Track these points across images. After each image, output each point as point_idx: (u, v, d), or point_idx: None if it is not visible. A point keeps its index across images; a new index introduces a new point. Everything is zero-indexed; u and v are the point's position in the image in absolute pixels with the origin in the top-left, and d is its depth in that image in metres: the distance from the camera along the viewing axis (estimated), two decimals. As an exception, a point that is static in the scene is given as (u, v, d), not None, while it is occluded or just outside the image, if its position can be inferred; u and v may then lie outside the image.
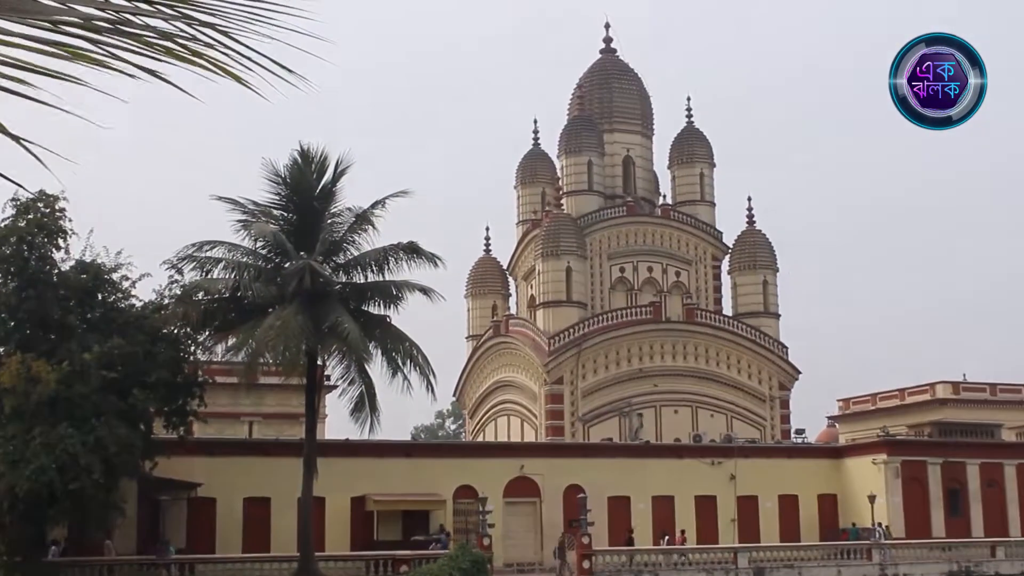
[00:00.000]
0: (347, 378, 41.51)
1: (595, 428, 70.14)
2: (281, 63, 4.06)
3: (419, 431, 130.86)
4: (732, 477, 59.26)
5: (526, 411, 74.22)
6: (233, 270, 40.66)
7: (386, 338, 41.86)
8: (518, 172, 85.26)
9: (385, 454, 53.64)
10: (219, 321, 41.47)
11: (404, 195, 42.22)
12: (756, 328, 75.50)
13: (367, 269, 42.35)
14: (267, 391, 57.01)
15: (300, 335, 38.36)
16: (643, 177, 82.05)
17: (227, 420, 57.63)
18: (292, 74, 4.15)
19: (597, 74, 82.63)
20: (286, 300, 39.75)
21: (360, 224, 42.22)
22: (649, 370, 72.44)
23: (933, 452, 61.88)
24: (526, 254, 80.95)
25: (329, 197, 42.08)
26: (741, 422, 73.06)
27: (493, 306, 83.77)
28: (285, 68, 4.09)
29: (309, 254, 40.74)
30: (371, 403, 41.08)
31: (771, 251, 79.01)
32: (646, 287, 77.65)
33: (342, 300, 41.40)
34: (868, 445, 63.24)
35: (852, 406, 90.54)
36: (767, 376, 75.15)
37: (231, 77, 4.02)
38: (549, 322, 72.37)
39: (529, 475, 56.04)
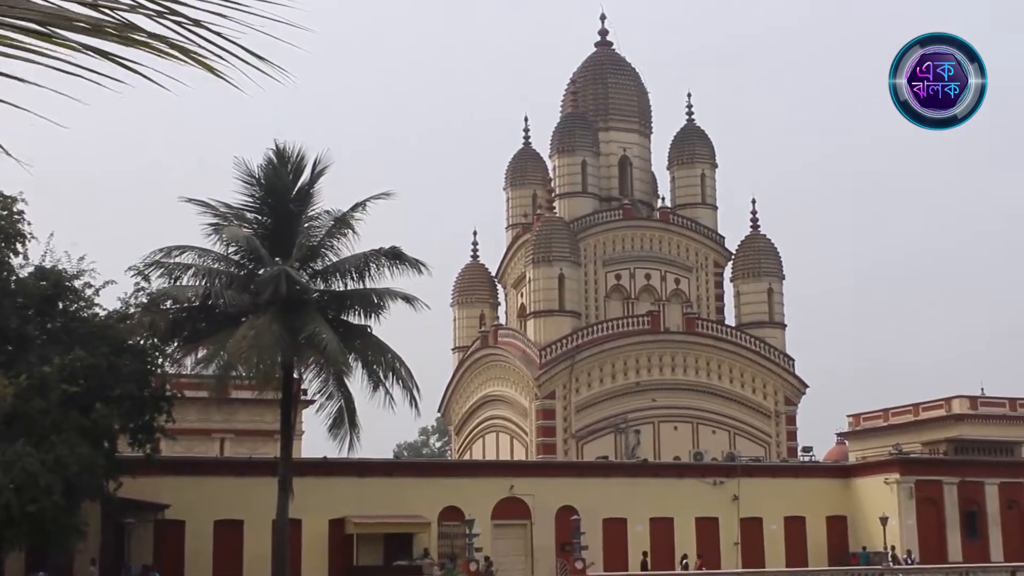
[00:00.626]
0: (325, 392, 41.34)
1: (589, 445, 70.11)
2: (256, 53, 4.02)
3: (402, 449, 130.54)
4: (735, 498, 59.20)
5: (516, 427, 74.16)
6: (203, 277, 40.49)
7: (367, 349, 41.71)
8: (507, 173, 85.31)
9: (366, 473, 53.49)
10: (188, 331, 41.27)
11: (386, 197, 42.08)
12: (760, 339, 75.55)
13: (347, 276, 42.18)
14: (240, 406, 56.89)
15: (275, 346, 38.19)
16: (641, 178, 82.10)
17: (197, 437, 57.46)
18: (267, 63, 4.10)
19: (592, 68, 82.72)
20: (260, 309, 39.58)
21: (339, 228, 42.05)
22: (647, 384, 72.42)
23: (949, 471, 61.89)
24: (516, 260, 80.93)
25: (306, 199, 41.93)
26: (744, 439, 73.06)
27: (481, 316, 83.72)
28: (259, 57, 4.04)
29: (285, 260, 40.58)
30: (351, 419, 40.90)
31: (776, 257, 79.09)
32: (644, 295, 77.67)
33: (320, 309, 41.23)
34: (880, 464, 63.23)
35: (863, 422, 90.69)
36: (772, 390, 75.19)
37: (206, 69, 3.97)
38: (540, 333, 72.33)
39: (519, 496, 55.93)
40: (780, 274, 78.95)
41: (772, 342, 76.00)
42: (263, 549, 45.27)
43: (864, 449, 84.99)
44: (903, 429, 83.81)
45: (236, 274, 41.31)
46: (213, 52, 4.00)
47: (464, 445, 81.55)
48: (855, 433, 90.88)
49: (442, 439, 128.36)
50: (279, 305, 39.34)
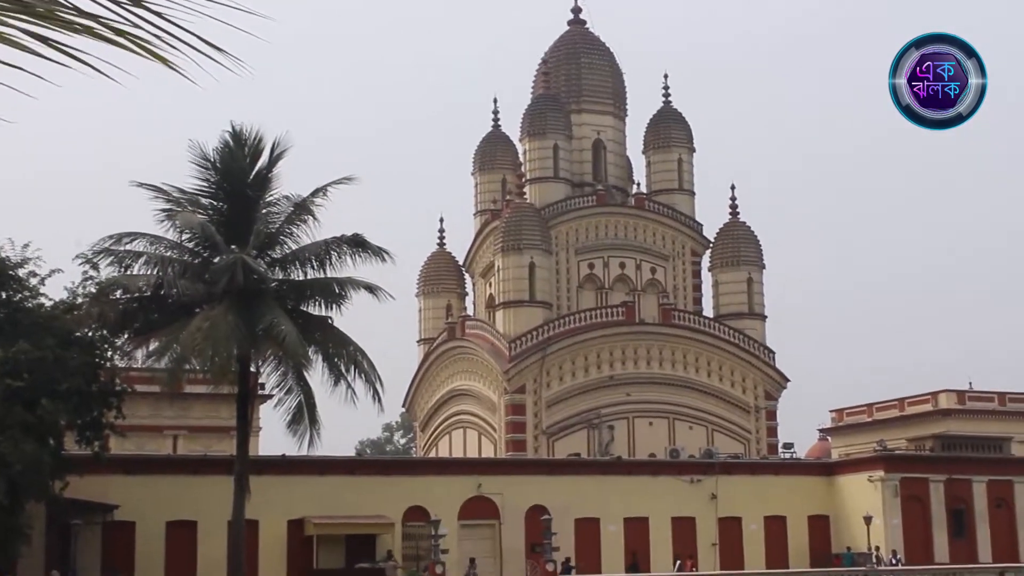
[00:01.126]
0: (284, 386, 41.31)
1: (561, 442, 70.22)
2: (209, 42, 4.04)
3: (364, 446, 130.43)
4: (713, 496, 59.46)
5: (484, 423, 74.21)
6: (156, 265, 40.39)
7: (328, 342, 41.72)
8: (476, 157, 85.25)
9: (326, 472, 53.48)
10: (139, 323, 41.18)
11: (348, 182, 42.07)
12: (740, 331, 75.80)
13: (307, 264, 42.17)
14: (193, 401, 56.76)
15: (231, 338, 38.15)
16: (615, 163, 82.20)
17: (148, 434, 57.29)
18: (221, 52, 4.12)
19: (564, 48, 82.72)
20: (215, 299, 39.52)
21: (299, 214, 42.03)
22: (621, 377, 72.56)
23: (936, 468, 62.30)
24: (484, 248, 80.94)
25: (264, 184, 41.87)
26: (723, 435, 73.31)
27: (447, 306, 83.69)
28: (213, 46, 4.06)
29: (241, 248, 40.50)
30: (311, 414, 40.90)
31: (757, 245, 79.32)
32: (618, 285, 77.79)
33: (278, 299, 41.19)
34: (864, 461, 63.60)
35: (846, 417, 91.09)
36: (752, 384, 75.46)
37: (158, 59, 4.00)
38: (510, 324, 72.37)
39: (487, 495, 56.01)
40: (760, 263, 79.18)
41: (752, 334, 76.26)
42: (218, 551, 45.21)
43: (847, 446, 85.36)
44: (888, 425, 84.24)
45: (190, 262, 41.23)
46: (166, 41, 4.03)
47: (430, 442, 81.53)
48: (838, 429, 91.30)
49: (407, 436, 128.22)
50: (235, 295, 39.28)
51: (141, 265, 40.54)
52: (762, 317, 78.22)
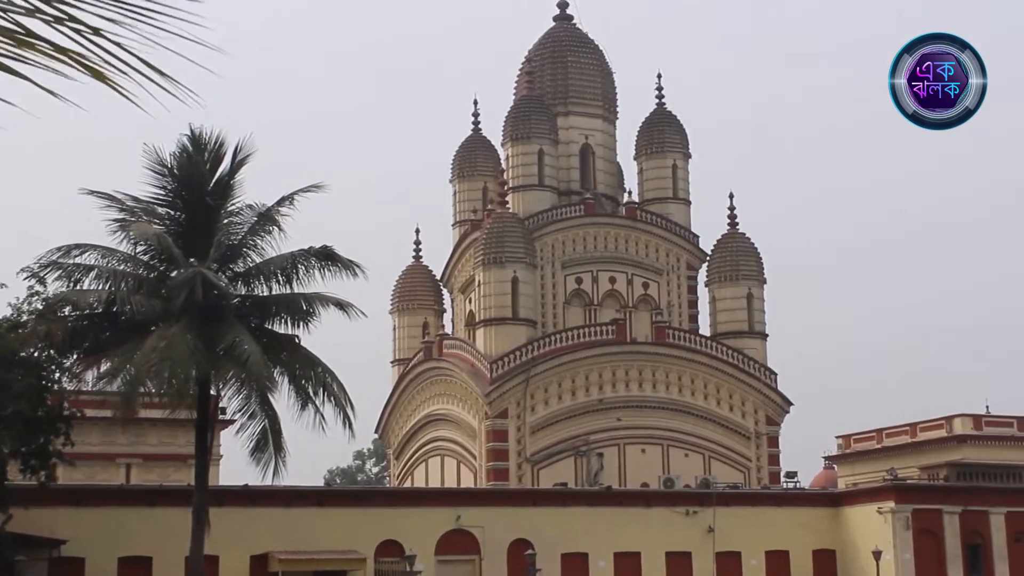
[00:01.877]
0: (247, 411, 41.16)
1: (546, 471, 70.12)
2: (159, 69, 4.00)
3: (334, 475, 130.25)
4: (710, 530, 59.39)
5: (463, 451, 74.08)
6: (108, 280, 40.21)
7: (294, 362, 41.58)
8: (454, 163, 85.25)
9: (293, 503, 53.29)
10: (90, 342, 40.97)
11: (317, 190, 42.00)
12: (739, 351, 75.82)
13: (272, 279, 42.05)
14: (148, 427, 56.54)
15: (189, 359, 37.96)
16: (604, 169, 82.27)
17: (99, 463, 57.05)
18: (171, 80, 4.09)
19: (550, 46, 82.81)
20: (172, 316, 39.35)
21: (263, 225, 41.91)
22: (611, 401, 72.52)
23: (950, 499, 62.31)
24: (463, 262, 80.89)
25: (226, 192, 41.75)
26: (721, 463, 73.28)
27: (424, 324, 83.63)
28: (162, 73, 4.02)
29: (201, 261, 40.35)
30: (276, 441, 40.77)
31: (757, 259, 79.37)
32: (608, 301, 77.78)
33: (241, 316, 41.06)
34: (873, 491, 63.59)
35: (854, 444, 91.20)
36: (752, 408, 75.46)
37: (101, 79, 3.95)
38: (491, 343, 72.28)
39: (467, 528, 55.88)
40: (761, 278, 79.23)
41: (752, 354, 76.27)
42: (175, 590, 45.00)
43: (855, 474, 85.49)
44: (899, 452, 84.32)
45: (145, 277, 41.06)
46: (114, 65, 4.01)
47: (405, 471, 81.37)
48: (845, 456, 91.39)
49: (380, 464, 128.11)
50: (194, 312, 39.11)
51: (92, 280, 40.35)
52: (763, 336, 78.24)
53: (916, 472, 71.69)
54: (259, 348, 38.94)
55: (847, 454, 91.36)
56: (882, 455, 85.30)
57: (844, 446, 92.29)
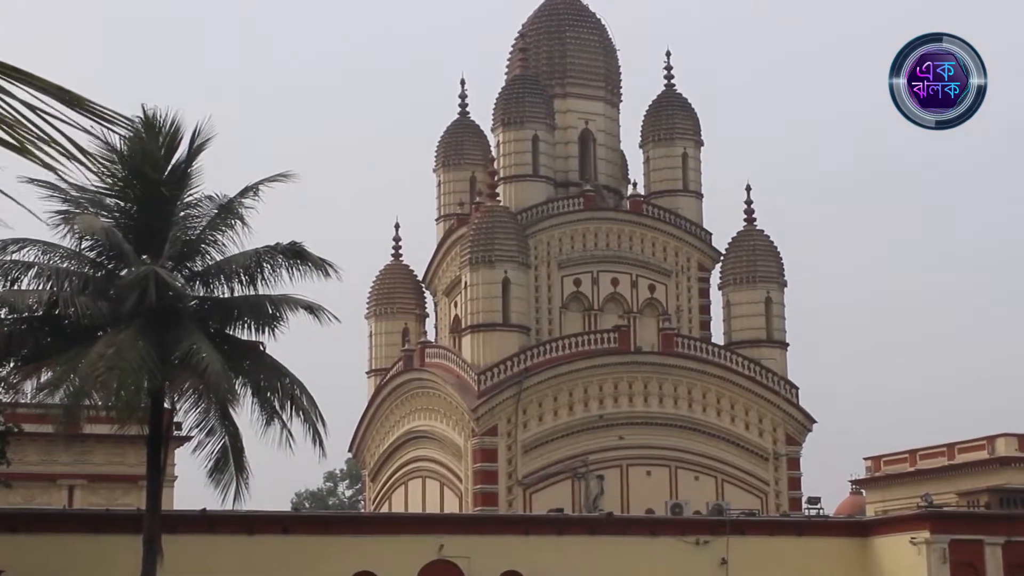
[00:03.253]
0: (205, 427, 41.12)
1: (540, 495, 70.18)
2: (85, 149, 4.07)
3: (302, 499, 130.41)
4: (723, 561, 59.44)
5: (447, 472, 74.12)
6: (49, 279, 40.14)
7: (258, 373, 41.54)
8: (439, 151, 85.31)
9: (256, 530, 53.31)
10: (29, 349, 40.89)
11: (285, 179, 41.90)
12: (756, 362, 75.91)
13: (233, 279, 42.00)
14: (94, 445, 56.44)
15: (141, 368, 37.89)
16: (607, 158, 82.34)
17: (39, 484, 56.99)
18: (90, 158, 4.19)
19: (546, 20, 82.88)
20: (122, 321, 39.29)
21: (225, 218, 41.84)
22: (613, 417, 72.59)
23: (992, 528, 62.36)
24: (449, 261, 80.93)
25: (183, 181, 41.67)
26: (736, 488, 73.37)
27: (404, 330, 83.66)
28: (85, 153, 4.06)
29: (154, 258, 40.29)
30: (237, 461, 40.73)
31: (776, 258, 79.49)
32: (610, 306, 77.85)
33: (199, 321, 41.03)
34: (906, 519, 63.62)
35: (884, 467, 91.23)
36: (771, 427, 75.56)
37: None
38: (479, 352, 72.31)
39: (451, 558, 55.89)
40: (781, 280, 79.32)
41: (771, 365, 76.36)
42: (124, 627, 44.95)
43: (885, 500, 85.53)
44: (935, 476, 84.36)
45: (91, 276, 41.00)
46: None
47: (382, 494, 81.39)
48: (874, 480, 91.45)
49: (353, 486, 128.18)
50: (146, 316, 39.07)
51: (31, 279, 40.24)
52: (783, 345, 78.33)
53: (954, 498, 71.73)
54: (219, 356, 38.86)
55: (877, 478, 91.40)
56: (916, 479, 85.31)
57: (873, 469, 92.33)
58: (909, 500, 75.10)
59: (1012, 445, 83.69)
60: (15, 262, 40.17)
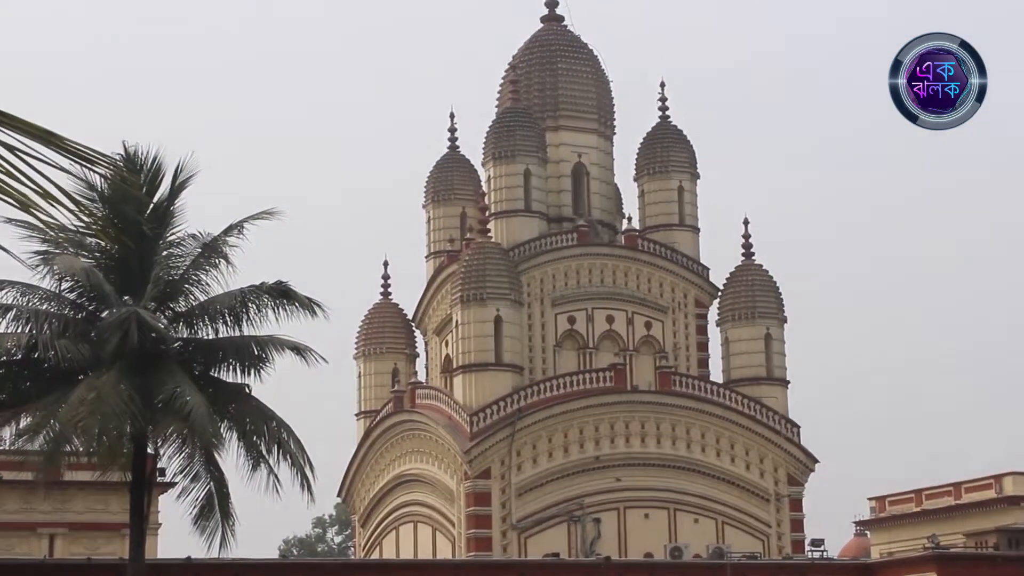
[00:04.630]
0: (189, 472, 40.95)
1: (535, 540, 70.06)
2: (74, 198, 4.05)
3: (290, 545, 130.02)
4: (726, 607, 59.34)
5: (440, 517, 73.97)
6: (28, 321, 40.02)
7: (244, 416, 41.40)
8: (428, 185, 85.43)
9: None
10: (7, 394, 40.77)
11: (270, 216, 41.88)
12: (756, 400, 75.89)
13: (218, 320, 41.91)
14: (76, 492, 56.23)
15: (123, 413, 37.79)
16: (600, 192, 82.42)
17: (18, 533, 56.78)
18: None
19: (537, 51, 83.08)
20: (103, 364, 39.18)
21: (208, 257, 41.78)
22: (609, 459, 72.51)
23: (1002, 571, 62.34)
24: (439, 299, 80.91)
25: (165, 219, 41.62)
26: (737, 530, 73.27)
27: (393, 371, 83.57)
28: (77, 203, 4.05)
29: (136, 299, 40.25)
30: (223, 507, 40.59)
31: (776, 294, 79.53)
32: (605, 344, 77.82)
33: (183, 363, 40.92)
34: (912, 561, 63.55)
35: (889, 507, 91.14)
36: (772, 467, 75.48)
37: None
38: (471, 392, 72.25)
39: (444, 607, 55.78)
40: (781, 316, 79.34)
41: (771, 403, 76.34)
42: None
43: (891, 542, 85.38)
44: (941, 516, 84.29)
45: (71, 317, 40.89)
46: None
47: (372, 540, 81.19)
48: (879, 521, 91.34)
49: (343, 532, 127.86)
50: (128, 358, 38.96)
51: (9, 321, 40.10)
52: (784, 383, 78.31)
53: (962, 539, 71.69)
54: (204, 399, 38.75)
55: (882, 519, 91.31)
56: (922, 520, 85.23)
57: (878, 509, 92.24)
58: (915, 541, 75.04)
59: (1020, 484, 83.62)
60: (-7, 304, 40.08)
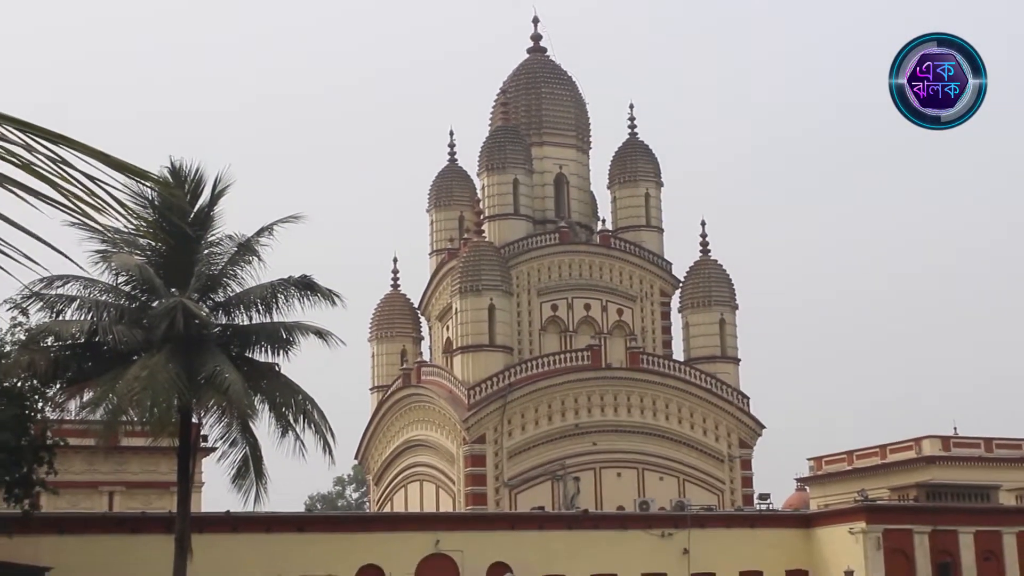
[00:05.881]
0: (228, 439, 41.01)
1: (524, 495, 70.03)
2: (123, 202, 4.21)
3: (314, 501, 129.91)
4: (685, 551, 59.32)
5: (442, 476, 73.94)
6: (90, 310, 40.06)
7: (275, 390, 41.44)
8: (431, 193, 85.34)
9: (274, 529, 53.09)
10: (72, 372, 40.77)
11: (296, 220, 41.96)
12: (712, 375, 75.90)
13: (252, 308, 41.95)
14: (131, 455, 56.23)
15: (171, 387, 37.84)
16: (579, 198, 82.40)
17: (82, 491, 56.71)
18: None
19: (524, 77, 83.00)
20: (154, 346, 39.22)
21: (243, 255, 41.83)
22: (587, 426, 72.48)
23: (920, 519, 62.38)
24: (441, 290, 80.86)
25: (206, 223, 41.66)
26: (695, 486, 73.29)
27: (402, 351, 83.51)
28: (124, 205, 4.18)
29: (182, 291, 40.28)
30: (257, 468, 40.62)
31: (729, 285, 79.54)
32: (583, 328, 77.80)
33: (222, 345, 40.96)
34: (844, 512, 63.63)
35: (825, 466, 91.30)
36: (725, 432, 75.52)
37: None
38: (468, 370, 72.23)
39: (446, 551, 55.71)
40: (733, 303, 79.36)
41: (725, 378, 76.37)
42: (158, 616, 44.70)
43: (827, 496, 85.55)
44: (869, 473, 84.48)
45: (127, 307, 40.92)
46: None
47: (384, 496, 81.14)
48: (817, 478, 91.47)
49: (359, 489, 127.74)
50: (175, 341, 39.02)
51: (74, 310, 40.16)
52: (735, 360, 78.36)
53: (886, 493, 71.80)
54: (240, 376, 38.83)
55: (819, 476, 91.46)
56: (853, 476, 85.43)
57: (816, 468, 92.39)
58: (847, 495, 75.27)
59: (937, 445, 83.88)
60: (59, 296, 40.11)
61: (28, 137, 4.34)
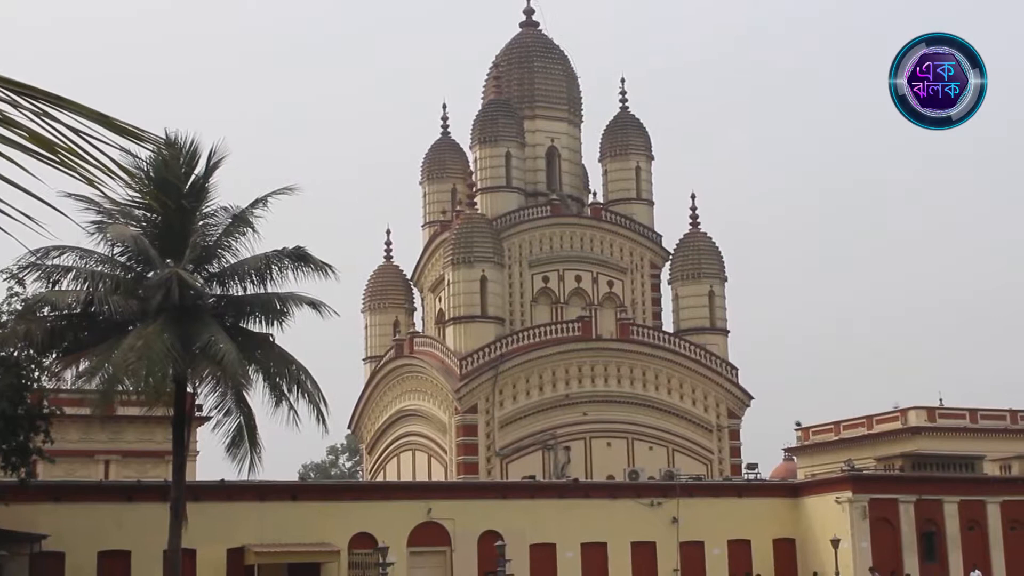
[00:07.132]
0: (222, 408, 41.02)
1: (515, 464, 70.14)
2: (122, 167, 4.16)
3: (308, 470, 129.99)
4: (674, 520, 59.49)
5: (434, 445, 74.03)
6: (86, 281, 40.00)
7: (269, 360, 41.44)
8: (424, 165, 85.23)
9: (268, 497, 53.13)
10: (69, 341, 40.73)
11: (290, 192, 41.90)
12: (701, 347, 75.98)
13: (246, 279, 41.92)
14: (126, 424, 56.30)
15: (166, 357, 37.81)
16: (570, 171, 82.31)
17: (78, 459, 56.78)
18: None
19: (516, 51, 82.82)
20: (149, 316, 39.19)
21: (238, 226, 41.76)
22: (577, 396, 72.57)
23: (905, 488, 62.58)
24: (433, 261, 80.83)
25: (201, 194, 41.57)
26: (684, 456, 73.44)
27: (395, 322, 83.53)
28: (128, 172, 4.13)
29: (177, 261, 40.23)
30: (251, 437, 40.65)
31: (718, 257, 79.59)
32: (574, 299, 77.83)
33: (216, 316, 40.92)
34: (831, 481, 63.84)
35: (812, 436, 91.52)
36: (714, 402, 75.64)
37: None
38: (460, 341, 72.25)
39: (438, 520, 55.83)
40: (722, 276, 79.44)
41: (714, 350, 76.46)
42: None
43: (814, 465, 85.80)
44: (856, 443, 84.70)
45: (122, 277, 40.85)
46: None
47: (377, 465, 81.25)
48: (804, 448, 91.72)
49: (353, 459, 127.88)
50: (171, 312, 39.00)
51: (70, 280, 40.10)
52: (724, 332, 78.46)
53: (872, 463, 72.01)
54: (234, 347, 38.82)
55: (806, 446, 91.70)
56: (840, 447, 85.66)
57: (803, 438, 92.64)
58: (834, 465, 75.45)
59: (922, 416, 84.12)
60: (56, 266, 40.04)
61: (34, 104, 4.30)
